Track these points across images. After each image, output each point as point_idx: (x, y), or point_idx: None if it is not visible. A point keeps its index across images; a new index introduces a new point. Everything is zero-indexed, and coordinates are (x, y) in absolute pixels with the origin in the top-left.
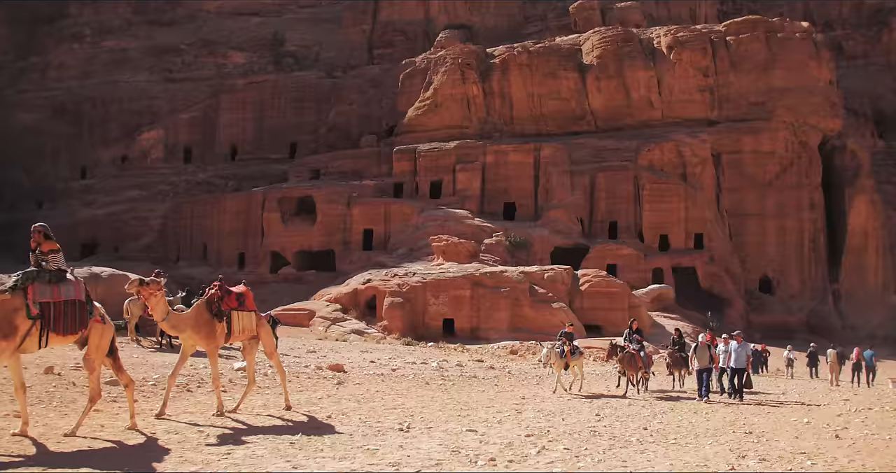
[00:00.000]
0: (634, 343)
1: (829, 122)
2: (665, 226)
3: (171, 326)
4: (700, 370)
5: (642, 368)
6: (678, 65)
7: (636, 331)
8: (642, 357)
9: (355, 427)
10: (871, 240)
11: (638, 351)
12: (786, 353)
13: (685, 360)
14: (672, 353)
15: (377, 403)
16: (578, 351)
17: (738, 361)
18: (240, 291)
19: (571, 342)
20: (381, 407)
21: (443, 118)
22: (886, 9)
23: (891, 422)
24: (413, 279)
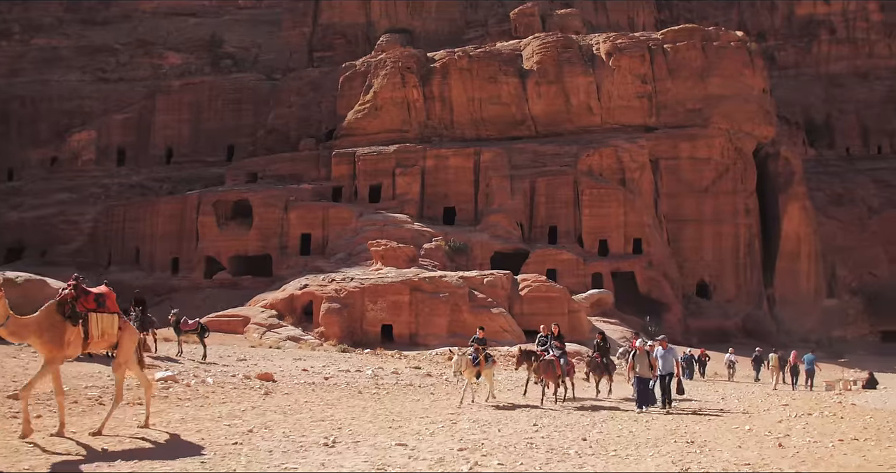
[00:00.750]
0: (554, 349)
1: (763, 130)
2: (604, 230)
3: (9, 333)
4: (640, 378)
5: (562, 376)
6: (617, 71)
7: (557, 337)
8: (562, 364)
9: (277, 442)
10: (803, 246)
11: (558, 358)
12: (727, 356)
13: (607, 366)
14: (592, 359)
15: (304, 415)
16: (491, 359)
17: (665, 367)
18: (100, 291)
19: (484, 348)
20: (308, 420)
21: (383, 122)
22: (816, 21)
23: (832, 428)
24: (351, 284)
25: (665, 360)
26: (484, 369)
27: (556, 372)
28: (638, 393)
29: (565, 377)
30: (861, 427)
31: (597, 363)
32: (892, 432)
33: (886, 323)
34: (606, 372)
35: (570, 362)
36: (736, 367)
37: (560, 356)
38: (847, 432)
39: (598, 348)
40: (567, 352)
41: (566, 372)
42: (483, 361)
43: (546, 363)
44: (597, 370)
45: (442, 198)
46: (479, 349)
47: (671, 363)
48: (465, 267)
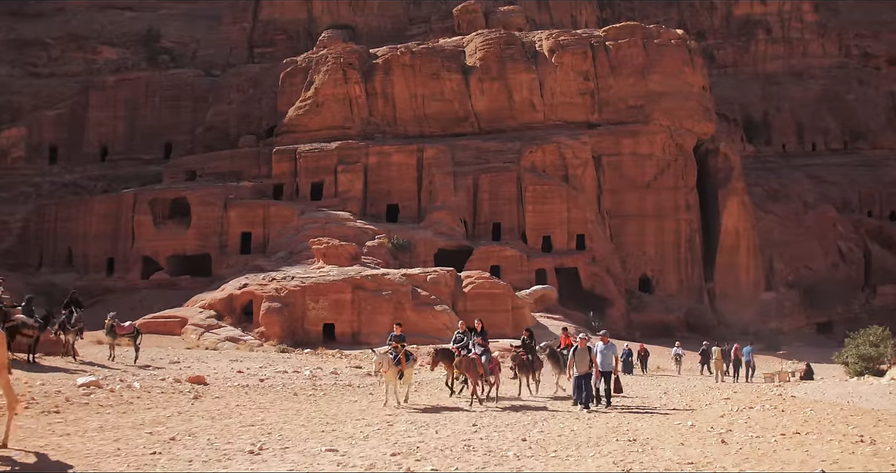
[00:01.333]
0: (477, 346)
1: (703, 126)
2: (548, 227)
3: None
4: (580, 376)
5: (484, 375)
6: (559, 68)
7: (481, 333)
8: (484, 362)
9: (199, 450)
10: (742, 240)
11: (481, 356)
12: (674, 350)
13: (532, 364)
14: (517, 355)
15: (234, 420)
16: (412, 358)
17: (605, 364)
18: None
19: (403, 345)
20: (237, 425)
21: (324, 118)
22: (753, 21)
23: (774, 422)
24: (292, 283)
25: (605, 357)
26: (406, 368)
27: (479, 371)
28: (577, 391)
29: (489, 375)
30: (802, 421)
31: (522, 360)
32: (833, 425)
33: (821, 315)
34: (532, 370)
35: (495, 360)
36: (682, 361)
37: (483, 354)
38: (789, 426)
39: (525, 345)
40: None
41: (489, 371)
42: (404, 360)
43: (468, 361)
44: (523, 368)
45: (385, 196)
46: (399, 347)
47: (611, 359)
48: (408, 265)
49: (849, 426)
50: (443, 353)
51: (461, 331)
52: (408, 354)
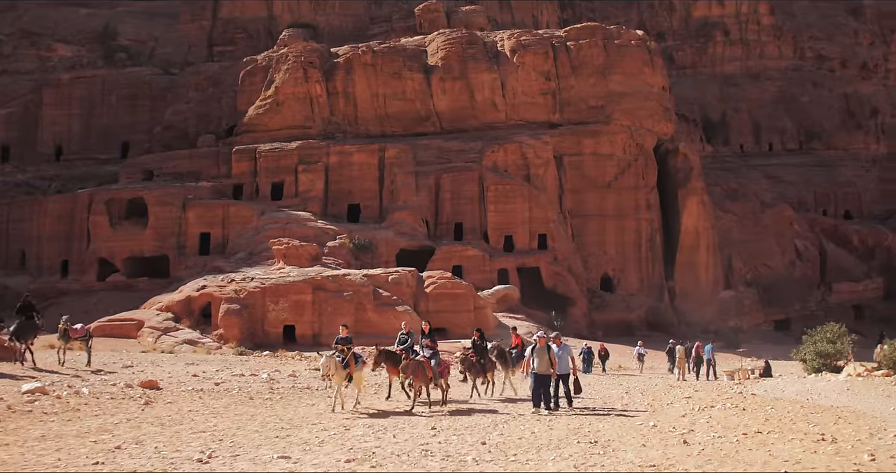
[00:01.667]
0: (425, 348)
1: (663, 126)
2: (510, 226)
3: None
4: (539, 375)
5: (433, 378)
6: (521, 68)
7: (429, 334)
8: (433, 365)
9: (145, 459)
10: (702, 239)
11: (429, 359)
12: (637, 349)
13: (483, 366)
14: (467, 358)
15: (185, 426)
16: (361, 360)
17: (562, 366)
18: None
19: (350, 347)
20: (188, 431)
21: (284, 118)
22: (711, 22)
23: (735, 421)
24: (251, 284)
25: (561, 359)
26: (355, 371)
27: (427, 374)
28: (534, 393)
29: (438, 379)
30: (763, 419)
31: (472, 362)
32: (794, 423)
33: (779, 313)
34: (483, 372)
35: (444, 362)
36: (645, 360)
37: (431, 356)
38: (750, 425)
39: (475, 347)
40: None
41: (438, 374)
42: (353, 362)
43: (415, 364)
44: (472, 370)
45: (346, 195)
46: (346, 349)
47: (567, 361)
48: (370, 265)
49: (810, 424)
50: (386, 355)
51: (405, 332)
52: (357, 356)
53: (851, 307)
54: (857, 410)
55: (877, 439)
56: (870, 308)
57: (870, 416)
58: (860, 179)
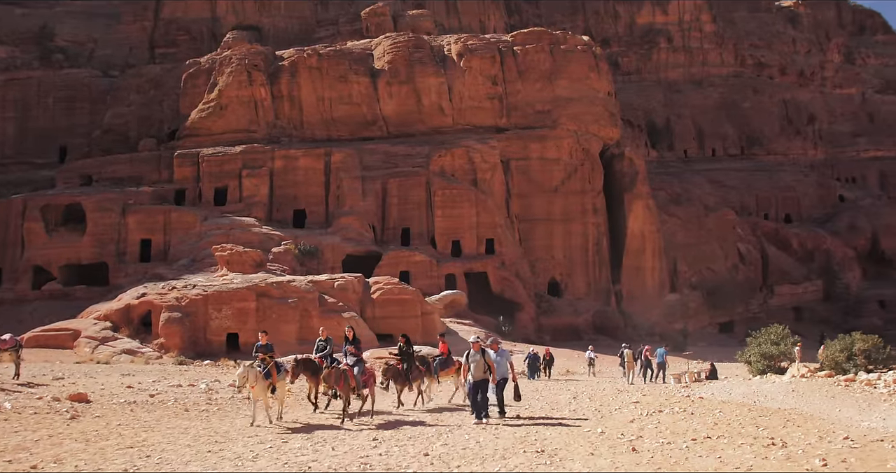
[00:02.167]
0: (350, 356)
1: (609, 131)
2: (457, 231)
3: None
4: (476, 382)
5: (357, 388)
6: (468, 72)
7: (352, 341)
8: (356, 374)
9: None
10: (647, 243)
11: (353, 367)
12: (588, 354)
13: (409, 373)
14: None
15: (111, 441)
16: (284, 370)
17: (499, 372)
18: None
19: (271, 356)
20: (114, 447)
21: (228, 121)
22: (655, 30)
23: (684, 426)
24: (193, 291)
25: (499, 365)
26: (278, 381)
27: (350, 384)
28: (472, 401)
29: (361, 388)
30: (712, 424)
31: (396, 370)
32: (743, 427)
33: (723, 315)
34: (408, 380)
35: (369, 371)
36: (596, 364)
37: (354, 364)
38: (699, 430)
39: (402, 353)
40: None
41: (362, 383)
42: (275, 372)
43: (337, 373)
44: (398, 378)
45: (291, 201)
46: (267, 358)
47: (505, 367)
48: (315, 271)
49: (758, 428)
50: (304, 364)
51: (322, 339)
52: (279, 365)
53: (792, 309)
54: (805, 412)
55: (827, 442)
56: (809, 309)
57: (817, 418)
58: (799, 184)
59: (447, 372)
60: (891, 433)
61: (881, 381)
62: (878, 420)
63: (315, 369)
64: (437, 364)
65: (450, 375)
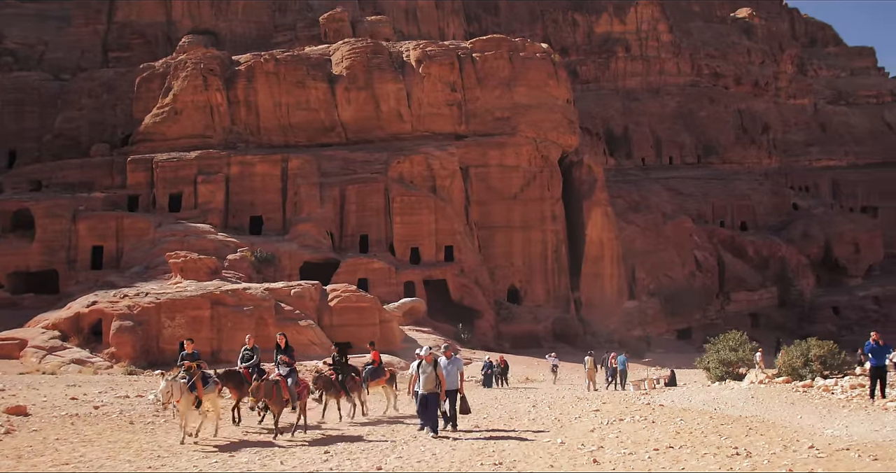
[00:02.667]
0: (282, 366)
1: (568, 139)
2: (416, 238)
3: None
4: (425, 395)
5: (290, 400)
6: (427, 79)
7: (285, 350)
8: (289, 385)
9: None
10: (606, 250)
11: (286, 378)
12: (551, 361)
13: (343, 384)
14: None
15: (46, 458)
16: (212, 380)
17: (450, 381)
18: None
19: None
20: (48, 464)
21: (183, 126)
22: (613, 39)
23: (645, 435)
24: (146, 299)
25: (449, 373)
26: (205, 394)
27: (283, 396)
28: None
29: (296, 401)
30: (674, 433)
31: (328, 380)
32: (706, 436)
33: (681, 322)
34: (343, 391)
35: (303, 382)
36: (558, 371)
37: (287, 374)
38: (661, 439)
39: (335, 363)
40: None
41: (297, 395)
42: (200, 384)
43: (268, 384)
44: (331, 390)
45: (248, 207)
46: (193, 368)
47: (456, 376)
48: (272, 279)
49: (721, 436)
50: (227, 376)
51: (248, 348)
52: (206, 377)
53: (748, 315)
54: (767, 420)
55: (792, 452)
56: (765, 316)
57: (780, 426)
58: (754, 192)
59: (377, 382)
60: (856, 441)
61: (838, 387)
62: (841, 427)
63: (239, 381)
64: (368, 373)
65: (380, 385)
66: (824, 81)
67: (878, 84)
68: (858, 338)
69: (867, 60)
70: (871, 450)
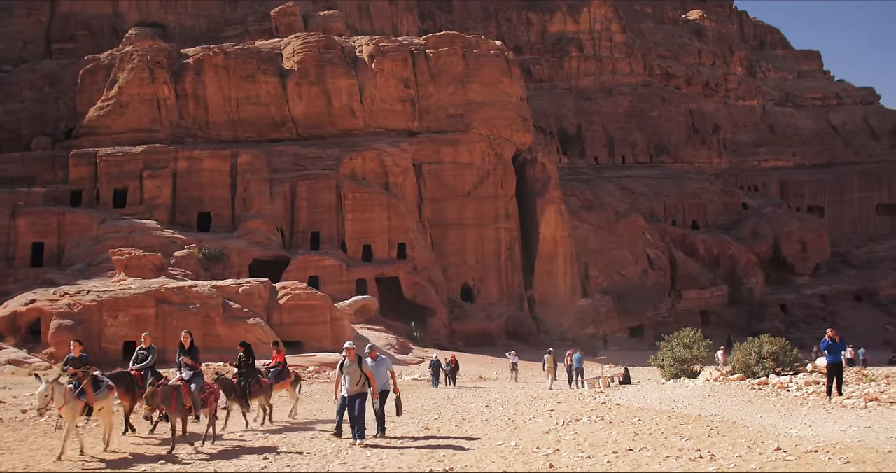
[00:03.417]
0: (185, 368)
1: (522, 136)
2: (368, 235)
3: None
4: (351, 397)
5: (193, 408)
6: (380, 74)
7: (189, 350)
8: (192, 391)
9: None
10: (560, 248)
11: (188, 383)
12: (511, 359)
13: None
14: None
15: None
16: (106, 386)
17: (379, 383)
18: None
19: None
20: None
21: (129, 120)
22: (566, 38)
23: (603, 437)
24: (87, 297)
25: (378, 374)
26: (96, 401)
27: (184, 404)
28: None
29: (199, 409)
30: (633, 434)
31: (229, 384)
32: (666, 438)
33: (633, 320)
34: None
35: (209, 386)
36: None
37: (191, 379)
38: (620, 441)
39: (241, 364)
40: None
41: (201, 403)
42: (90, 390)
43: (166, 390)
44: (230, 394)
45: (196, 203)
46: (79, 373)
47: (386, 377)
48: (221, 277)
49: (682, 438)
50: (117, 378)
51: (144, 347)
52: (98, 381)
53: (699, 313)
54: (727, 419)
55: (758, 454)
56: (716, 314)
57: (741, 426)
58: (705, 191)
59: (281, 385)
60: (823, 442)
61: (793, 384)
62: (804, 426)
63: (129, 384)
64: (272, 376)
65: (284, 388)
66: (772, 83)
67: (824, 87)
68: (805, 336)
69: (813, 64)
70: (841, 452)
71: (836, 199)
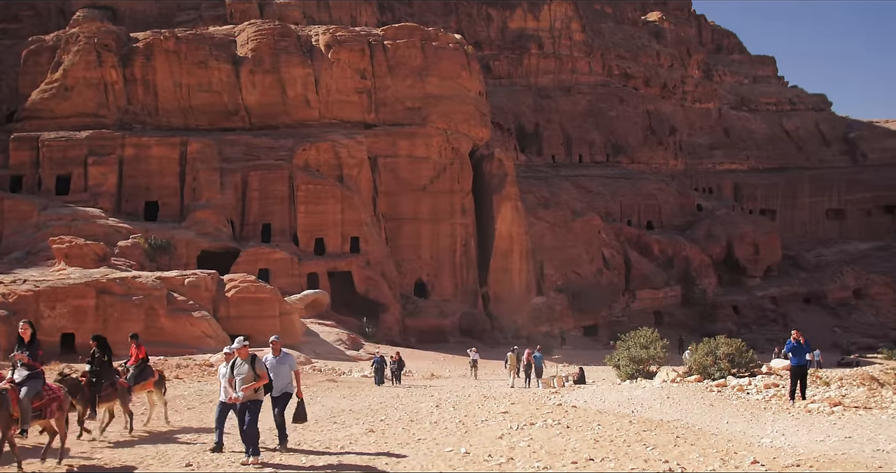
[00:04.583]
0: (20, 368)
1: (479, 131)
2: (321, 228)
3: None
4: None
5: (23, 421)
6: (336, 64)
7: (28, 344)
8: (22, 397)
9: None
10: (515, 245)
11: (19, 386)
12: (472, 355)
13: (97, 390)
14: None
15: None
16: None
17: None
18: None
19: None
20: None
21: (74, 104)
22: (526, 35)
23: (560, 444)
24: (23, 287)
25: (279, 375)
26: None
27: (11, 413)
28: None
29: (28, 422)
30: (592, 440)
31: (76, 385)
32: (629, 446)
33: (588, 319)
34: (93, 400)
35: (51, 392)
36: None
37: (23, 382)
38: (579, 449)
39: (94, 361)
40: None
41: (38, 412)
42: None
43: None
44: (76, 395)
45: (143, 192)
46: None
47: (287, 377)
48: (167, 268)
49: (646, 446)
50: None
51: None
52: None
53: (652, 312)
54: (692, 425)
55: (733, 467)
56: (669, 314)
57: (709, 434)
58: (661, 192)
59: (143, 386)
60: (803, 454)
61: (752, 387)
62: (776, 435)
63: None
64: (131, 376)
65: (145, 389)
66: (728, 87)
67: (778, 92)
68: (757, 337)
69: (768, 69)
70: (825, 466)
71: (788, 203)
